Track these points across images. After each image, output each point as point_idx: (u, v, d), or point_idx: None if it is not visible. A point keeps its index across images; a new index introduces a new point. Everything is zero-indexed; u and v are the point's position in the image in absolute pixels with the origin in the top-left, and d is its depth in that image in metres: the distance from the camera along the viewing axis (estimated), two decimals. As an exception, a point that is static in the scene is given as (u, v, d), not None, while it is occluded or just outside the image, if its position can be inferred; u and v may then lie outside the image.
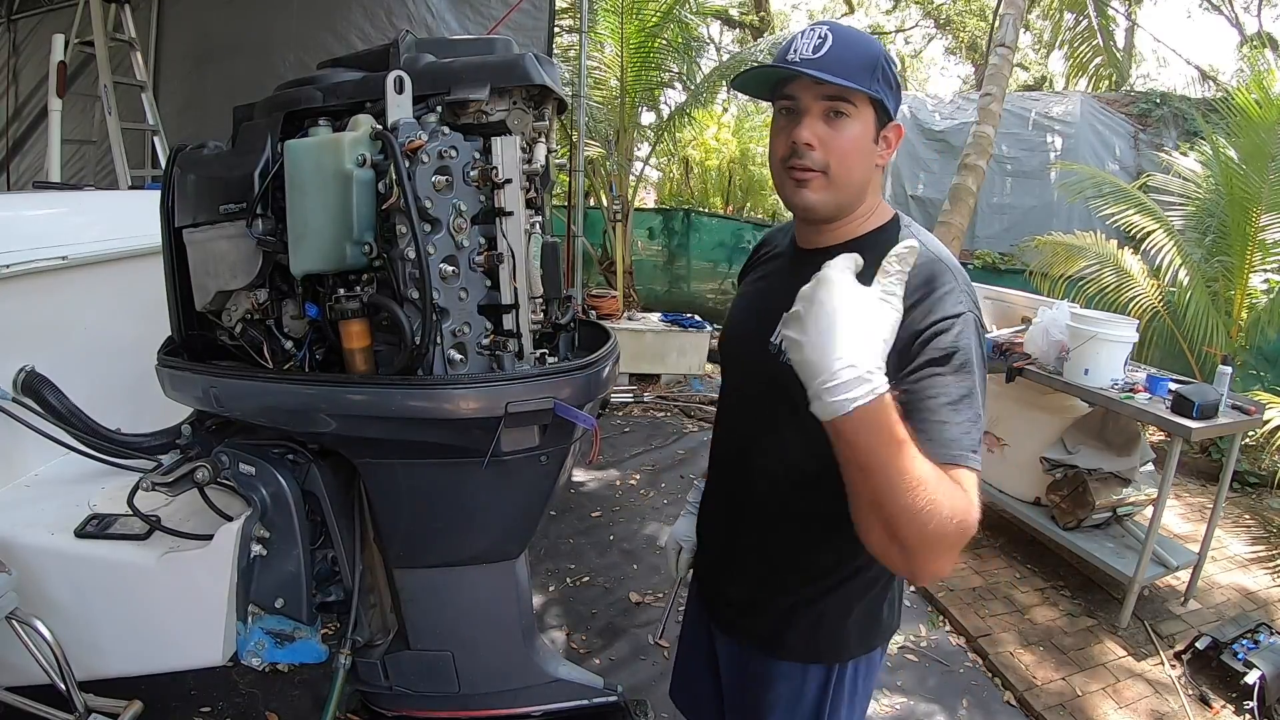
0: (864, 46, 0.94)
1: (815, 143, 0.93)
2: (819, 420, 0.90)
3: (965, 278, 0.97)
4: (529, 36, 4.02)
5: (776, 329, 1.03)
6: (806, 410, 0.93)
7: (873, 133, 0.96)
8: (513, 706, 1.41)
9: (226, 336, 1.24)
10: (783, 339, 0.84)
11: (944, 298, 0.92)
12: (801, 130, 0.94)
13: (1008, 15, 5.48)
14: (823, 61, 0.91)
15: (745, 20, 13.06)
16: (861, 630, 1.09)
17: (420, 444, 1.13)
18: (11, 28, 4.90)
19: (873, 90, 0.92)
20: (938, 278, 0.93)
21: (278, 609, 1.25)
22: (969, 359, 0.90)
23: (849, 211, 1.00)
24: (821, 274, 0.79)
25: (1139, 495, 3.00)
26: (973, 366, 0.90)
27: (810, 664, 1.09)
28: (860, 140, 0.94)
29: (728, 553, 1.19)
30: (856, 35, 0.95)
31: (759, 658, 1.13)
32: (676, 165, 10.37)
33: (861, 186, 0.98)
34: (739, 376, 1.18)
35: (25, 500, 1.40)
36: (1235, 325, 4.17)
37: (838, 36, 0.93)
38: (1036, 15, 12.91)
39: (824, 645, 1.09)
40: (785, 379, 0.97)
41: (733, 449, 1.16)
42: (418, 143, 1.00)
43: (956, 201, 5.05)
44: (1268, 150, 3.90)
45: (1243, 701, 2.31)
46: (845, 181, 0.95)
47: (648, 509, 3.59)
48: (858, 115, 0.93)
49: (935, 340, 0.90)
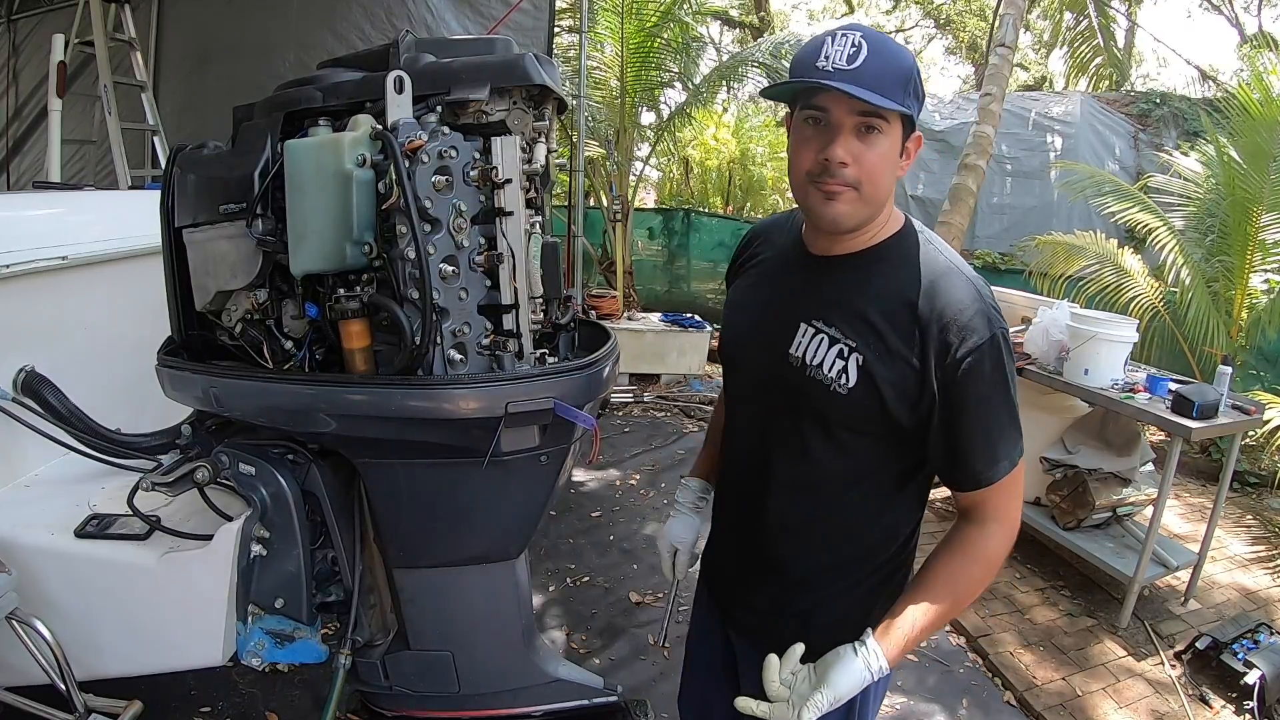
0: (899, 59, 0.91)
1: (849, 160, 0.92)
2: (847, 431, 1.02)
3: (982, 284, 0.98)
4: (529, 36, 4.02)
5: (795, 340, 1.04)
6: (834, 422, 1.02)
7: (900, 147, 0.95)
8: (513, 706, 1.41)
9: (226, 336, 1.24)
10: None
11: (971, 322, 0.93)
12: (836, 149, 0.91)
13: (1008, 15, 5.48)
14: (859, 74, 0.88)
15: (745, 20, 13.07)
16: (877, 625, 1.09)
17: (420, 444, 1.13)
18: (11, 28, 4.90)
19: (905, 106, 0.90)
20: (960, 295, 0.95)
21: (278, 609, 1.24)
22: (1003, 378, 0.95)
23: (870, 222, 0.99)
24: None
25: (1139, 495, 3.00)
26: (1007, 385, 0.95)
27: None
28: (889, 155, 0.93)
29: (749, 561, 1.18)
30: (890, 46, 0.92)
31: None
32: (676, 165, 10.36)
33: (886, 199, 0.98)
34: (753, 387, 1.14)
35: (25, 500, 1.40)
36: (1235, 325, 4.17)
37: (873, 47, 0.89)
38: (1036, 15, 12.92)
39: (845, 643, 1.07)
40: (810, 390, 1.02)
41: (753, 460, 1.14)
42: (418, 143, 1.00)
43: (956, 201, 5.05)
44: (1268, 150, 3.90)
45: (1243, 701, 2.31)
46: (873, 197, 0.95)
47: (648, 509, 3.59)
48: (888, 131, 0.92)
49: (970, 370, 0.93)
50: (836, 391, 0.99)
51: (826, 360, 1.00)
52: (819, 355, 1.01)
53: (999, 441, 0.97)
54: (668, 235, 7.91)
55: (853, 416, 1.00)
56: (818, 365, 1.01)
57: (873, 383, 0.97)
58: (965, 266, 1.00)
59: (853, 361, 0.98)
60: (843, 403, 0.99)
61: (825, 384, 1.00)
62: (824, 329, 1.01)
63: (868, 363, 0.97)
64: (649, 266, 7.83)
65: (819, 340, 1.01)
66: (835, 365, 0.99)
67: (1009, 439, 0.97)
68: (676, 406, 5.08)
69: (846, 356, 0.98)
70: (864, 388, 0.97)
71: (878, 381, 0.97)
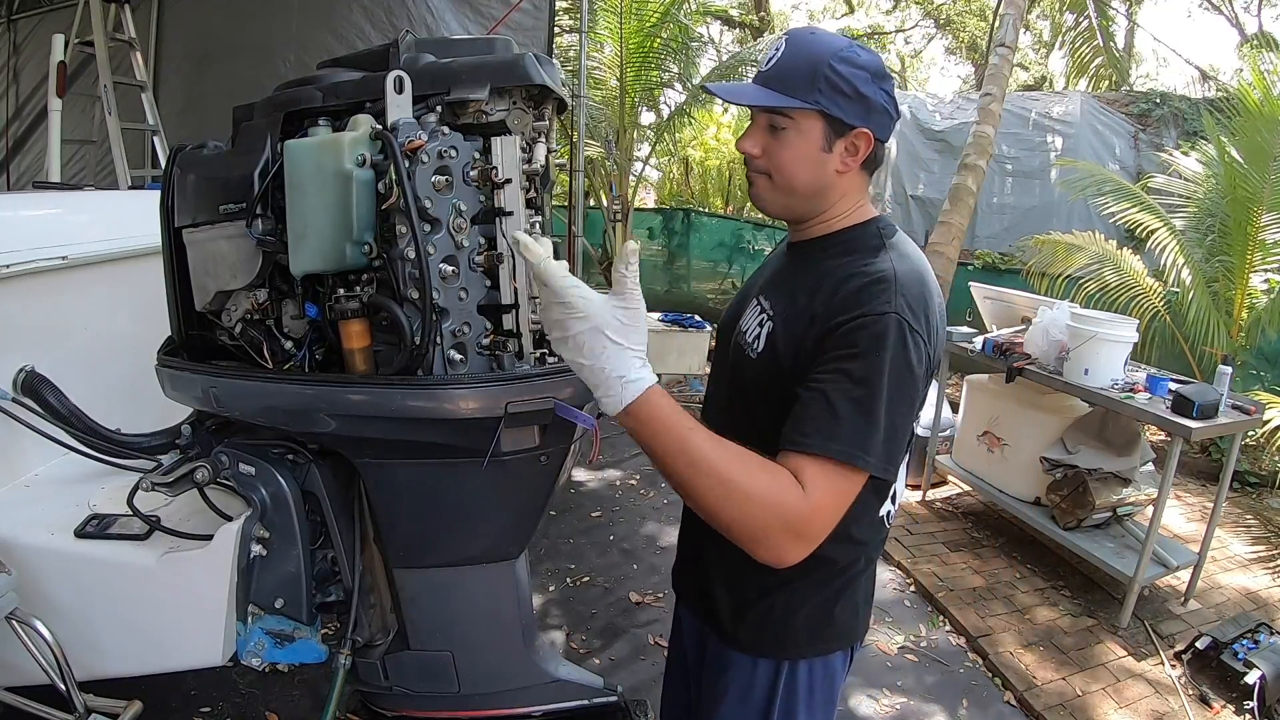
0: (806, 57, 0.94)
1: (757, 151, 0.99)
2: (759, 402, 1.00)
3: (916, 288, 0.92)
4: (529, 36, 4.02)
5: (744, 316, 1.08)
6: (750, 388, 1.03)
7: (820, 142, 0.96)
8: (513, 706, 1.41)
9: (226, 336, 1.24)
10: (566, 361, 0.87)
11: (871, 295, 0.89)
12: (744, 140, 1.01)
13: (1008, 15, 5.48)
14: (767, 75, 0.96)
15: (745, 20, 13.06)
16: (812, 630, 1.08)
17: (420, 444, 1.13)
18: (11, 28, 4.90)
19: (810, 103, 0.93)
20: (873, 282, 0.91)
21: (278, 609, 1.24)
22: (874, 363, 0.86)
23: (807, 213, 1.03)
24: (545, 281, 0.83)
25: (1139, 495, 3.00)
26: (881, 365, 0.85)
27: (759, 658, 1.10)
28: (800, 150, 0.97)
29: (694, 543, 1.23)
30: (807, 44, 0.95)
31: (716, 642, 1.16)
32: (676, 165, 10.37)
33: (814, 192, 1.00)
34: (717, 368, 1.21)
35: (25, 500, 1.40)
36: (1235, 325, 4.17)
37: (790, 47, 0.96)
38: (1036, 15, 12.92)
39: (770, 640, 1.09)
40: (736, 358, 1.06)
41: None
42: (418, 143, 1.00)
43: (956, 201, 5.05)
44: (1268, 150, 3.90)
45: (1243, 701, 2.31)
46: (789, 187, 1.00)
47: (648, 509, 3.59)
48: (796, 127, 0.95)
49: (846, 334, 0.88)
50: (749, 356, 1.03)
51: (749, 328, 1.06)
52: (748, 325, 1.07)
53: (831, 419, 0.84)
54: (668, 235, 7.92)
55: (758, 382, 1.02)
56: (743, 332, 1.07)
57: (774, 347, 1.00)
58: (911, 265, 0.95)
59: (765, 328, 1.02)
60: (752, 367, 1.03)
61: (744, 349, 1.05)
62: (761, 303, 1.07)
63: (775, 329, 1.01)
64: (649, 266, 7.83)
65: (754, 311, 1.07)
66: (754, 332, 1.04)
67: (846, 425, 0.84)
68: (676, 406, 5.08)
69: (763, 325, 1.03)
70: (768, 352, 1.01)
71: (778, 345, 0.99)
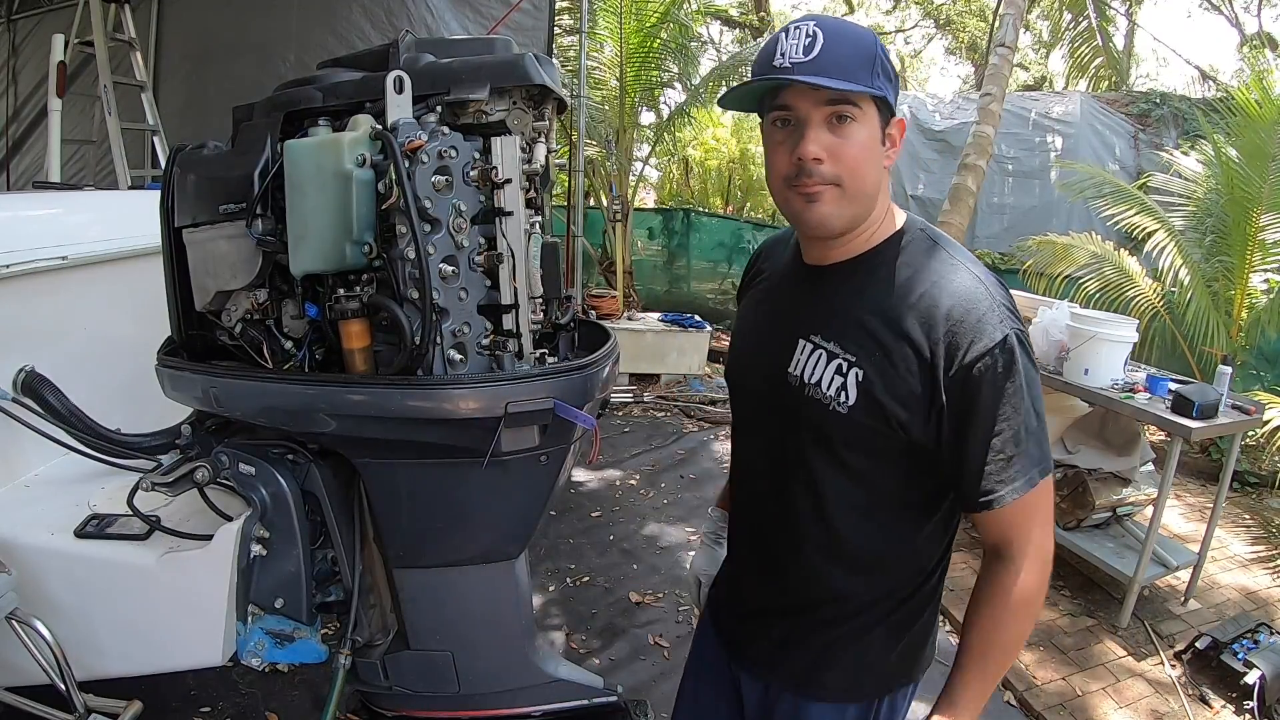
0: (860, 40, 0.85)
1: (824, 156, 0.85)
2: (855, 453, 0.95)
3: (997, 285, 0.91)
4: (529, 36, 4.02)
5: (794, 358, 0.97)
6: (838, 444, 0.94)
7: (879, 134, 0.88)
8: (512, 706, 1.41)
9: (226, 336, 1.24)
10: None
11: (983, 322, 0.86)
12: (808, 145, 0.85)
13: (1008, 15, 5.48)
14: (819, 63, 0.82)
15: (745, 20, 13.06)
16: (903, 665, 1.05)
17: (420, 444, 1.13)
18: (11, 28, 4.90)
19: (875, 88, 0.84)
20: (972, 303, 0.87)
21: (278, 609, 1.24)
22: (1018, 385, 0.86)
23: (862, 222, 0.92)
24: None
25: (1139, 495, 3.00)
26: (1022, 387, 0.86)
27: (848, 704, 1.04)
28: (869, 144, 0.86)
29: (760, 594, 1.11)
30: (848, 28, 0.86)
31: (789, 700, 1.07)
32: (676, 165, 10.37)
33: (874, 194, 0.90)
34: (754, 411, 1.08)
35: (25, 500, 1.40)
36: (1235, 325, 4.17)
37: (829, 32, 0.83)
38: (1036, 15, 12.90)
39: (867, 683, 1.04)
40: (809, 411, 0.95)
41: (759, 489, 1.08)
42: (417, 143, 1.00)
43: (956, 201, 5.05)
44: (1268, 150, 3.90)
45: (1243, 701, 2.31)
46: (858, 192, 0.87)
47: (648, 509, 3.59)
48: (863, 118, 0.85)
49: (982, 378, 0.85)
50: (836, 411, 0.91)
51: (825, 377, 0.93)
52: (817, 372, 0.94)
53: (1014, 457, 0.86)
54: (667, 235, 7.92)
55: (856, 437, 0.92)
56: (815, 383, 0.94)
57: (874, 399, 0.89)
58: (974, 264, 0.92)
59: (852, 377, 0.90)
60: (844, 422, 0.91)
61: (824, 403, 0.92)
62: (822, 344, 0.94)
63: (868, 377, 0.89)
64: (649, 266, 7.84)
65: (817, 356, 0.94)
66: (834, 382, 0.92)
67: (1026, 454, 0.86)
68: (676, 406, 5.08)
69: (845, 372, 0.91)
70: (865, 405, 0.90)
71: (879, 397, 0.89)
